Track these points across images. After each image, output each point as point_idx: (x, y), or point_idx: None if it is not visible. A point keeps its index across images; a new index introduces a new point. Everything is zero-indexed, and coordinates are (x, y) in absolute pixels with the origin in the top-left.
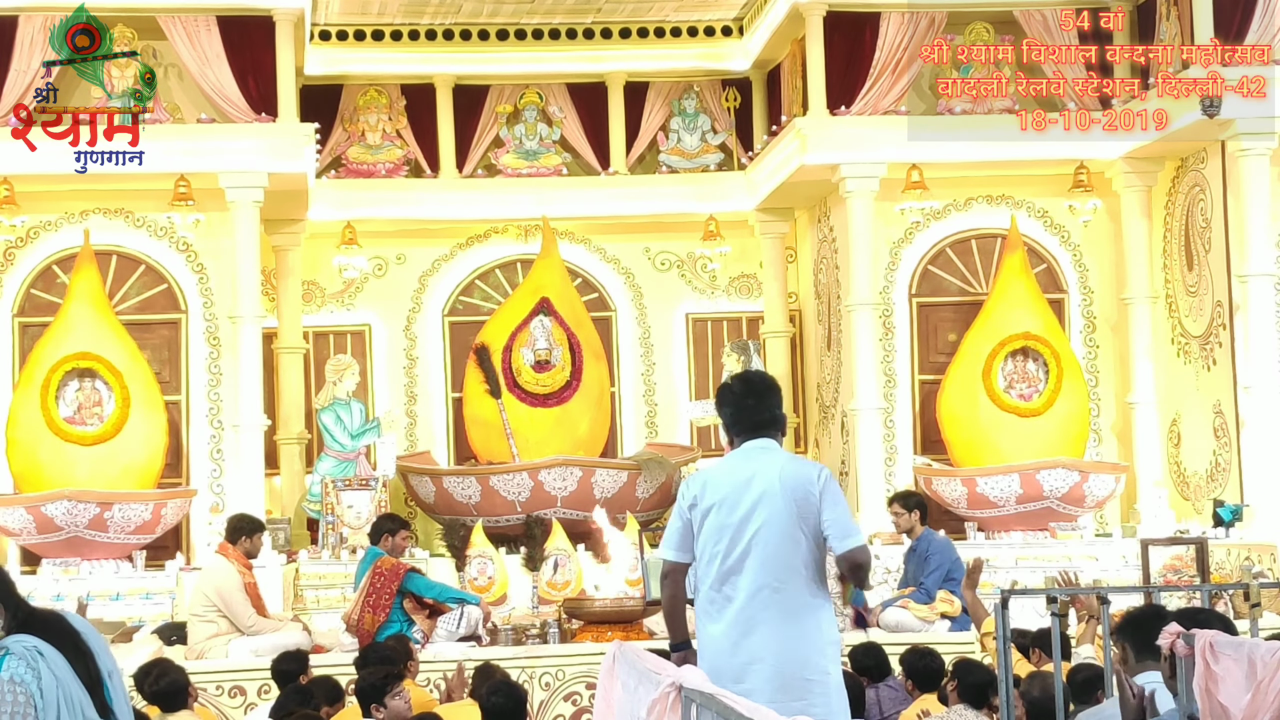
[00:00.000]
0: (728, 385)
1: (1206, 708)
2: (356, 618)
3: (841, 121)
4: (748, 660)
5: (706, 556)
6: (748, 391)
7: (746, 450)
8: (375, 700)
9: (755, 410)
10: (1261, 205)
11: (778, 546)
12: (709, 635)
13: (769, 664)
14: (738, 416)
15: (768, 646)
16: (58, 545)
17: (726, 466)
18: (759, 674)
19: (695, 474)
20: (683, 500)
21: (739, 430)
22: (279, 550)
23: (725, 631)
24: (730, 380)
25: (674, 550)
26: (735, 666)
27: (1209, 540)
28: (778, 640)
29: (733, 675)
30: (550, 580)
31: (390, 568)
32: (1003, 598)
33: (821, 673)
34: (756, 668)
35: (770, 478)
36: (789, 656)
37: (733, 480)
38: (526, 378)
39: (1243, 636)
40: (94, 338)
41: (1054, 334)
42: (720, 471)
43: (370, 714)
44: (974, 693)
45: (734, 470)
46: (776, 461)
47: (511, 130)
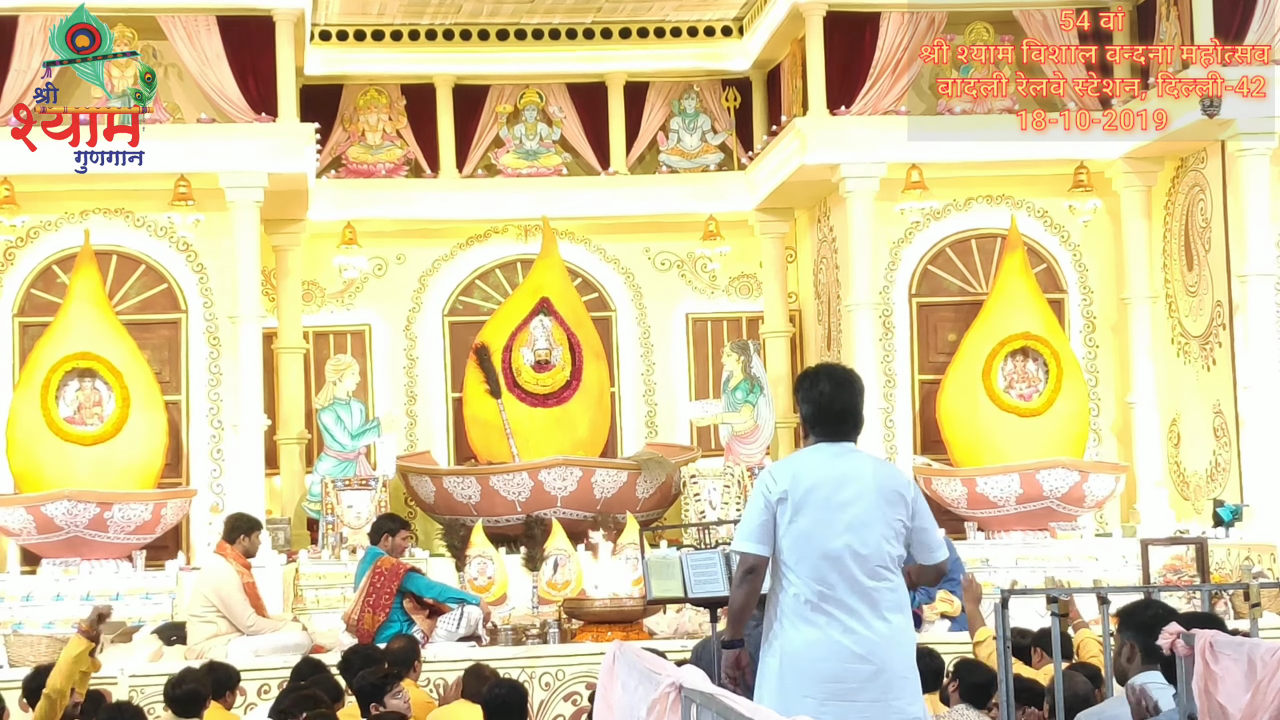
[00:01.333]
0: (818, 384)
1: (1206, 707)
2: (356, 617)
3: (841, 121)
4: (848, 660)
5: (795, 554)
6: (838, 395)
7: (833, 449)
8: (375, 699)
9: (849, 413)
10: (1261, 205)
11: (876, 546)
12: (801, 638)
13: (872, 664)
14: (830, 418)
15: (868, 645)
16: (58, 545)
17: (816, 461)
18: (860, 674)
19: (780, 463)
20: (768, 492)
21: (827, 432)
22: (279, 550)
23: (823, 633)
24: (819, 378)
25: (757, 543)
26: (835, 668)
27: (1209, 540)
28: (879, 639)
29: (831, 676)
30: (550, 580)
31: (390, 568)
32: (1003, 598)
33: (914, 671)
34: (858, 668)
35: (864, 477)
36: (890, 655)
37: (827, 475)
38: (526, 378)
39: (1243, 636)
40: (94, 338)
41: (1054, 334)
42: (810, 465)
43: (368, 713)
44: (975, 693)
45: (825, 466)
46: (867, 462)
47: (511, 130)
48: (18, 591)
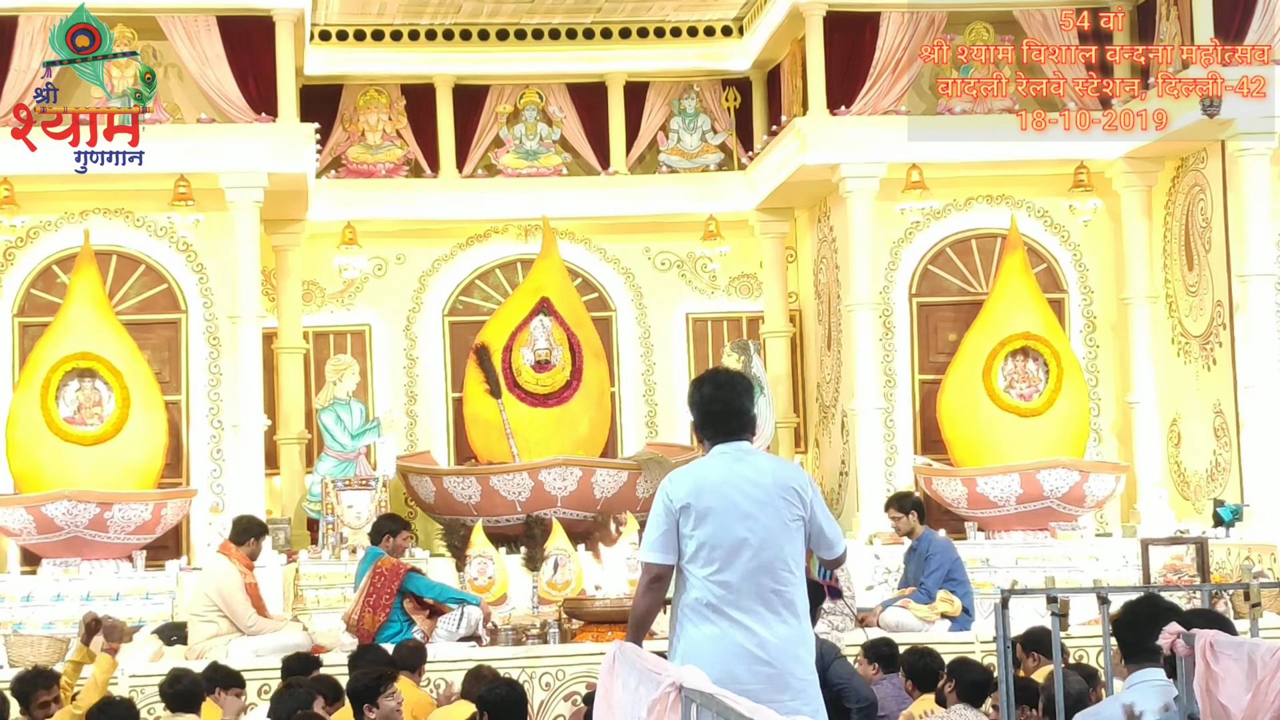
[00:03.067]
0: (700, 388)
1: (1207, 707)
2: (356, 618)
3: (841, 121)
4: (749, 660)
5: (701, 558)
6: (717, 395)
7: (730, 451)
8: (368, 700)
9: (732, 413)
10: (1261, 205)
11: (776, 547)
12: (703, 636)
13: (772, 666)
14: (712, 419)
15: (767, 647)
16: (58, 545)
17: (715, 467)
18: (760, 674)
19: (679, 473)
20: (669, 502)
21: (715, 433)
22: (279, 550)
23: (722, 633)
24: (703, 383)
25: (661, 552)
26: (734, 668)
27: (1209, 540)
28: (778, 640)
29: (732, 677)
30: (550, 580)
31: (390, 568)
32: (1003, 598)
33: (811, 671)
34: (758, 668)
35: (764, 478)
36: (788, 655)
37: (727, 479)
38: (526, 378)
39: (1243, 636)
40: (94, 338)
41: (1054, 334)
42: (708, 471)
43: (363, 714)
44: (972, 692)
45: (725, 470)
46: (766, 463)
47: (511, 130)
48: (18, 591)
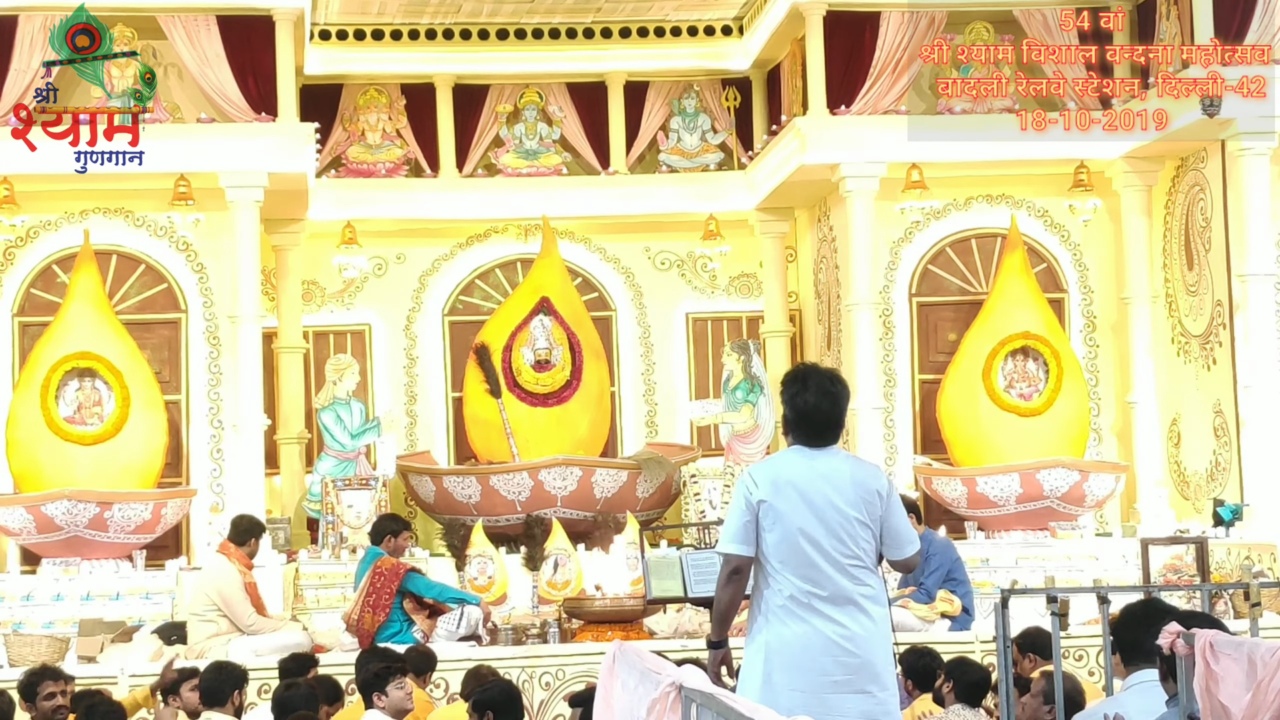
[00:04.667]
0: (804, 393)
1: (1207, 707)
2: (356, 617)
3: (841, 121)
4: (837, 653)
5: (780, 555)
6: (819, 407)
7: (811, 450)
8: (378, 689)
9: (830, 426)
10: (1261, 205)
11: (853, 544)
12: (789, 634)
13: (858, 656)
14: (806, 427)
15: (855, 640)
16: (58, 545)
17: (794, 463)
18: (847, 666)
19: (759, 467)
20: (750, 494)
21: (805, 439)
22: (279, 550)
23: (810, 627)
24: (807, 387)
25: (741, 544)
26: (823, 662)
27: (1209, 540)
28: (864, 633)
29: (819, 669)
30: (550, 580)
31: (390, 568)
32: (1003, 597)
33: (892, 662)
34: (845, 659)
35: (841, 477)
36: (873, 648)
37: (806, 476)
38: (526, 377)
39: (1243, 636)
40: (94, 337)
41: (1054, 333)
42: (789, 467)
43: (373, 704)
44: (970, 692)
45: (804, 466)
46: (844, 462)
47: (511, 130)
48: (18, 591)
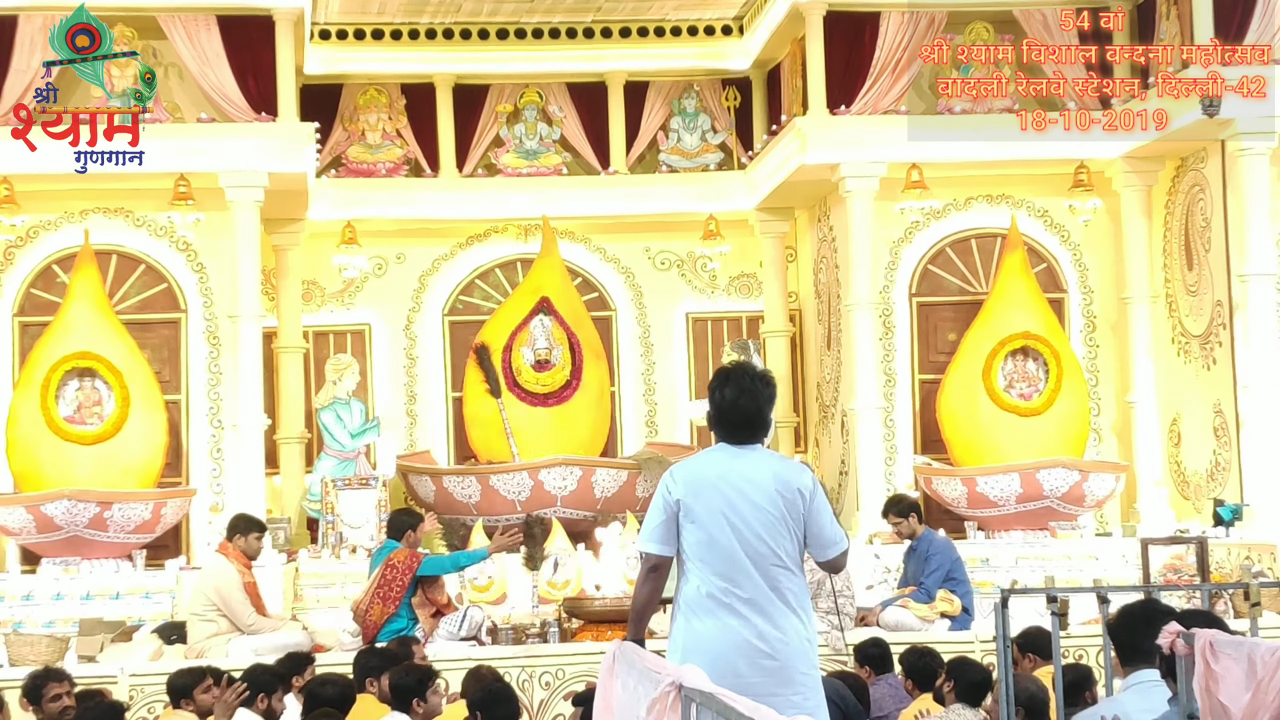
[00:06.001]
0: (723, 389)
1: (1207, 707)
2: (365, 607)
3: (841, 121)
4: (751, 654)
5: (698, 553)
6: (737, 404)
7: (733, 448)
8: (418, 695)
9: (749, 422)
10: (1261, 205)
11: (773, 544)
12: (704, 630)
13: (775, 659)
14: (726, 424)
15: (769, 640)
16: (58, 545)
17: (716, 461)
18: (762, 667)
19: (679, 467)
20: (668, 494)
21: (727, 436)
22: (279, 550)
23: (725, 626)
24: (726, 384)
25: (660, 543)
26: (735, 661)
27: (1209, 540)
28: (782, 635)
29: (732, 670)
30: (550, 580)
31: (404, 560)
32: (1002, 597)
33: (813, 667)
34: (760, 661)
35: (763, 476)
36: (790, 650)
37: (726, 475)
38: (526, 377)
39: (1242, 636)
40: (94, 337)
41: (1054, 333)
42: (707, 467)
43: (412, 710)
44: (971, 691)
45: (725, 465)
46: (766, 461)
47: (511, 130)
48: (18, 591)
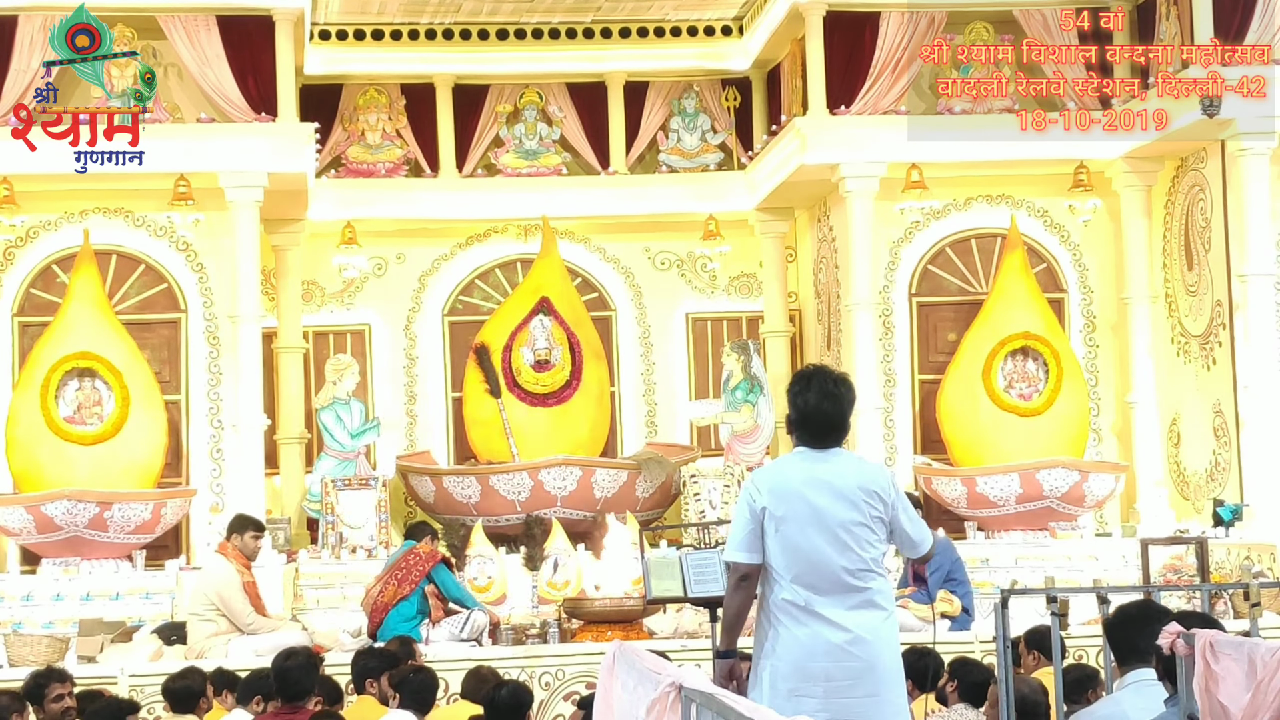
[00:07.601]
0: (806, 394)
1: (1206, 707)
2: (377, 591)
3: (841, 121)
4: (840, 658)
5: (785, 560)
6: (820, 408)
7: (815, 453)
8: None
9: (832, 428)
10: (1261, 205)
11: (859, 546)
12: (792, 637)
13: (863, 660)
14: (809, 428)
15: (858, 643)
16: (58, 545)
17: (798, 466)
18: (852, 670)
19: (761, 473)
20: (753, 501)
21: (808, 441)
22: (279, 550)
23: (812, 632)
24: (809, 388)
25: (748, 552)
26: (825, 666)
27: (1209, 540)
28: (870, 636)
29: (824, 674)
30: (550, 580)
31: (428, 552)
32: (1002, 597)
33: (899, 664)
34: (850, 664)
35: (846, 479)
36: (879, 650)
37: (809, 480)
38: (526, 377)
39: (1242, 636)
40: (94, 337)
41: (1054, 334)
42: (792, 470)
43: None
44: (974, 692)
45: (807, 470)
46: (849, 464)
47: (511, 130)
48: (18, 591)
